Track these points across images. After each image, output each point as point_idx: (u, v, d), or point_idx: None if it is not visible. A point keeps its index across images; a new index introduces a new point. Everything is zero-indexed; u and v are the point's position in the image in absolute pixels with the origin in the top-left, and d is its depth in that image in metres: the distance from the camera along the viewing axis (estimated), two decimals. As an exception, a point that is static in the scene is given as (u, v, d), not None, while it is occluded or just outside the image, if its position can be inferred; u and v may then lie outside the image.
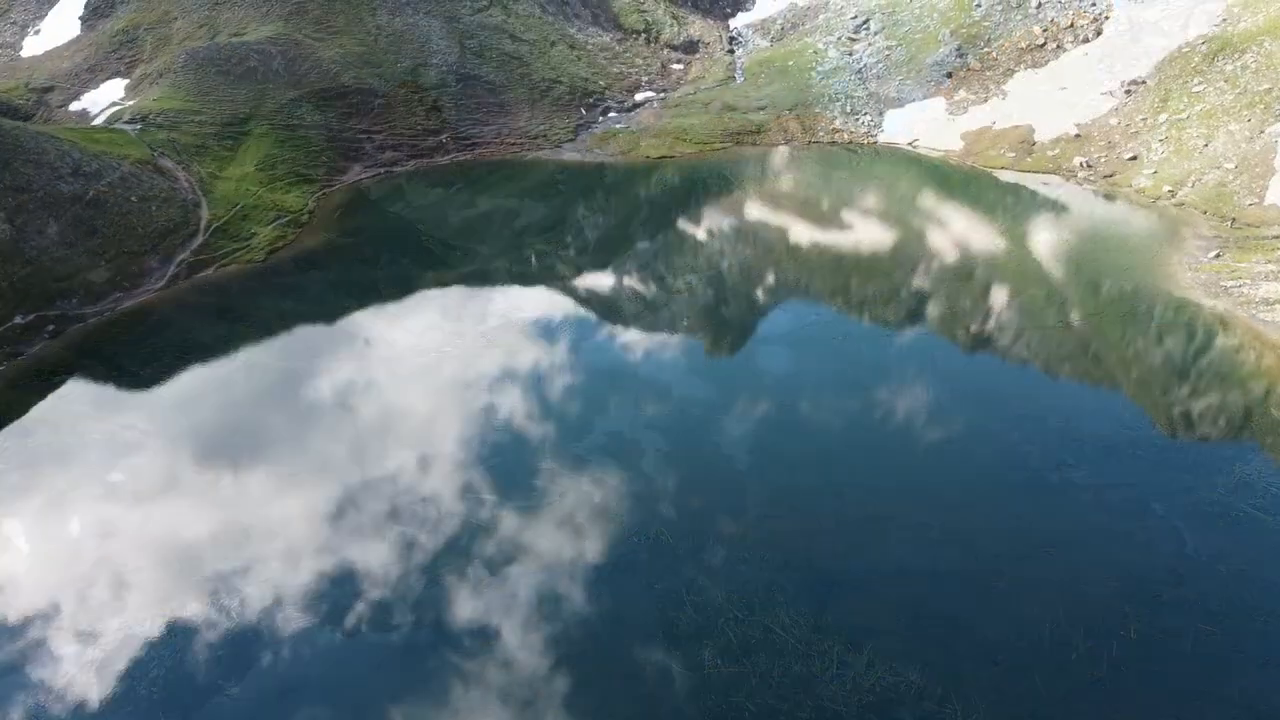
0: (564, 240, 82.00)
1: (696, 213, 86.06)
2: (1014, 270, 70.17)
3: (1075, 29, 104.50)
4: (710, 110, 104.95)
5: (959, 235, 78.49)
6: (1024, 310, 62.99)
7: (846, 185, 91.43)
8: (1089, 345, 57.32)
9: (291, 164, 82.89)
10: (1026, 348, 58.09)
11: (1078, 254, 72.41)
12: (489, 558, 38.34)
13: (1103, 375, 54.58)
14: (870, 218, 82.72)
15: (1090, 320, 60.32)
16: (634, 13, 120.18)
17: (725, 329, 64.05)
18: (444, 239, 78.17)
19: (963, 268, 70.20)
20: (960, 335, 60.55)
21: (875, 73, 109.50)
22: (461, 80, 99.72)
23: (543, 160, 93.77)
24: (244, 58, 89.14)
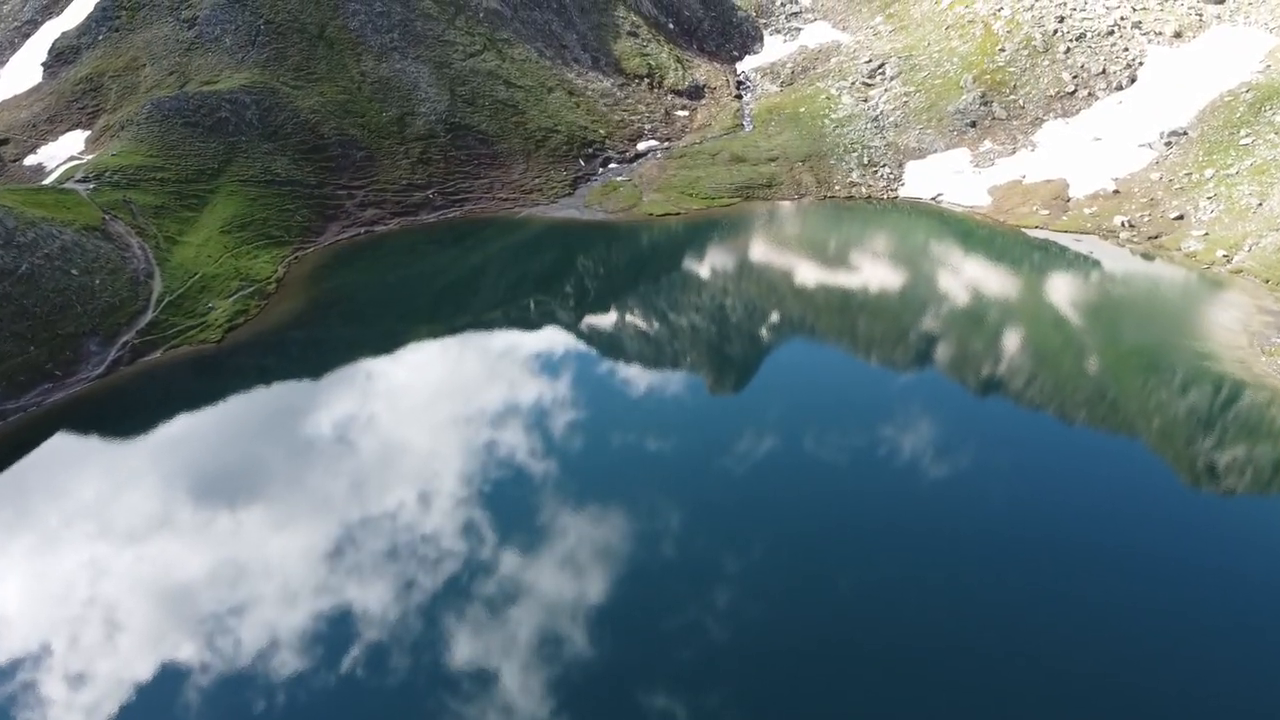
0: (563, 290, 78.29)
1: (701, 275, 78.75)
2: (1076, 371, 60.83)
3: (1107, 76, 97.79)
4: (718, 161, 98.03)
5: (1008, 326, 71.05)
6: (1096, 406, 55.42)
7: (882, 252, 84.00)
8: (1180, 456, 49.99)
9: (262, 225, 75.72)
10: (1112, 462, 50.12)
11: (1145, 343, 64.84)
12: (489, 597, 37.60)
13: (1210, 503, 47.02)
14: (926, 326, 75.06)
15: (1173, 425, 53.03)
16: (636, 56, 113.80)
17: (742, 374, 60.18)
18: (434, 294, 74.43)
19: (1019, 367, 62.23)
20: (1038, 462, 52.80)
21: (893, 121, 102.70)
22: (451, 130, 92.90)
23: (537, 218, 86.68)
24: (214, 108, 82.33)
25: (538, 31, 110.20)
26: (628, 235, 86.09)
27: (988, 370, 60.84)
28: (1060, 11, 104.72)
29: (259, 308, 65.71)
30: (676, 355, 66.68)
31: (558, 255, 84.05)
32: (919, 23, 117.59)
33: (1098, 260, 78.59)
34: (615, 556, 40.05)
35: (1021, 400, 56.57)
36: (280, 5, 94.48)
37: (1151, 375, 58.80)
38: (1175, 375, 58.07)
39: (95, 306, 58.88)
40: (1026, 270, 79.01)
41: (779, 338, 69.31)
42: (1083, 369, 59.67)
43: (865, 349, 66.67)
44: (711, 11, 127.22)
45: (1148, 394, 56.29)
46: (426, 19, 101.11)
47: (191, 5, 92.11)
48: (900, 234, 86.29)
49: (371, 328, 67.99)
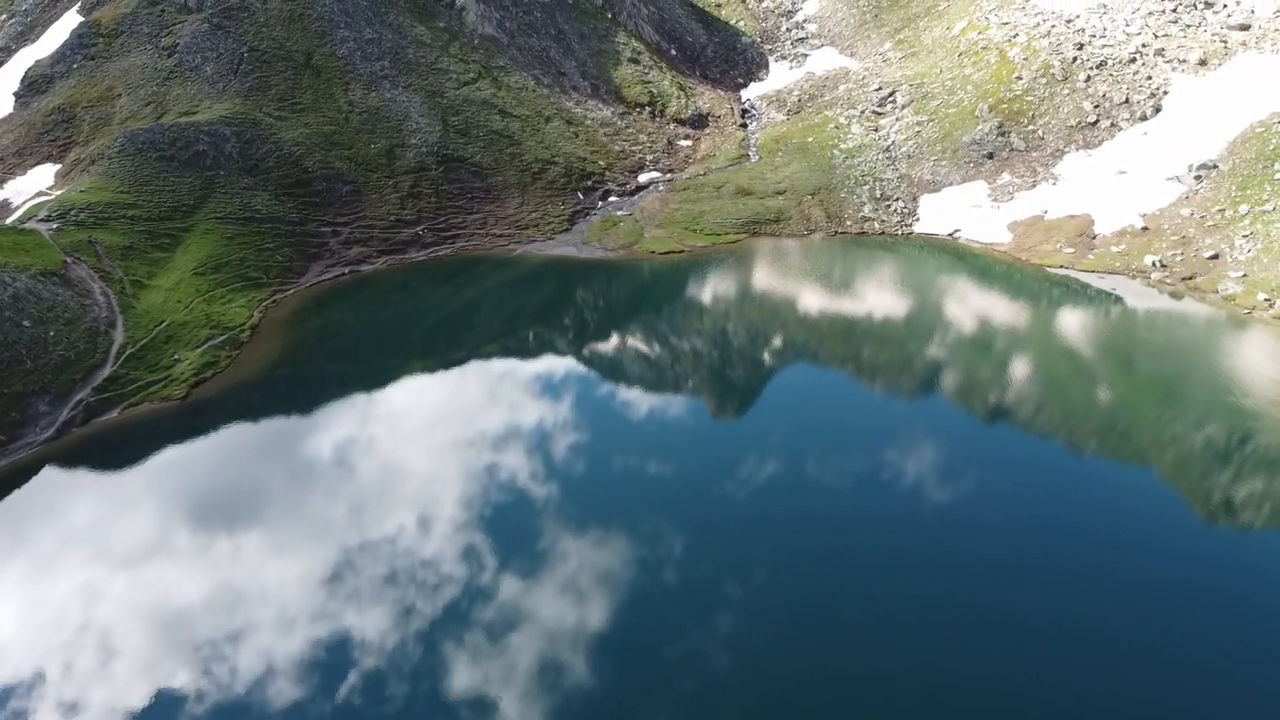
0: (562, 322, 75.55)
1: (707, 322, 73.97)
2: (1087, 401, 58.19)
3: (1131, 105, 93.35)
4: (723, 194, 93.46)
5: (1019, 356, 66.15)
6: (1107, 436, 52.88)
7: (895, 288, 79.19)
8: (1196, 489, 47.56)
9: (238, 266, 71.01)
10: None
11: (1161, 376, 62.18)
12: (489, 623, 37.33)
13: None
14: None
15: (1188, 458, 50.82)
16: (638, 84, 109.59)
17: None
18: (426, 330, 71.34)
19: (1027, 395, 60.09)
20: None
21: (905, 152, 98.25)
22: (443, 162, 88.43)
23: (532, 255, 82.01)
24: (192, 141, 77.87)
25: (535, 58, 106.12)
26: (629, 272, 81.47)
27: (995, 398, 60.01)
28: (1079, 38, 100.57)
29: (230, 359, 60.82)
30: (678, 379, 65.86)
31: (556, 288, 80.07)
32: (930, 49, 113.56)
33: (1120, 296, 74.06)
34: (617, 582, 39.90)
35: (1029, 428, 55.72)
36: (265, 32, 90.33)
37: (1167, 407, 57.34)
38: (1192, 408, 56.46)
39: (48, 361, 54.03)
40: (1044, 304, 75.12)
41: (781, 363, 68.15)
42: (1093, 399, 58.31)
43: (869, 375, 65.39)
44: (715, 37, 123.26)
45: (1162, 426, 54.82)
46: (419, 46, 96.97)
47: (172, 32, 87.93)
48: (915, 272, 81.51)
49: (362, 364, 64.37)
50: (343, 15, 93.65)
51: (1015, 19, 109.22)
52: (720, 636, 36.41)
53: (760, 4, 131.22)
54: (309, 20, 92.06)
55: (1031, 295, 76.75)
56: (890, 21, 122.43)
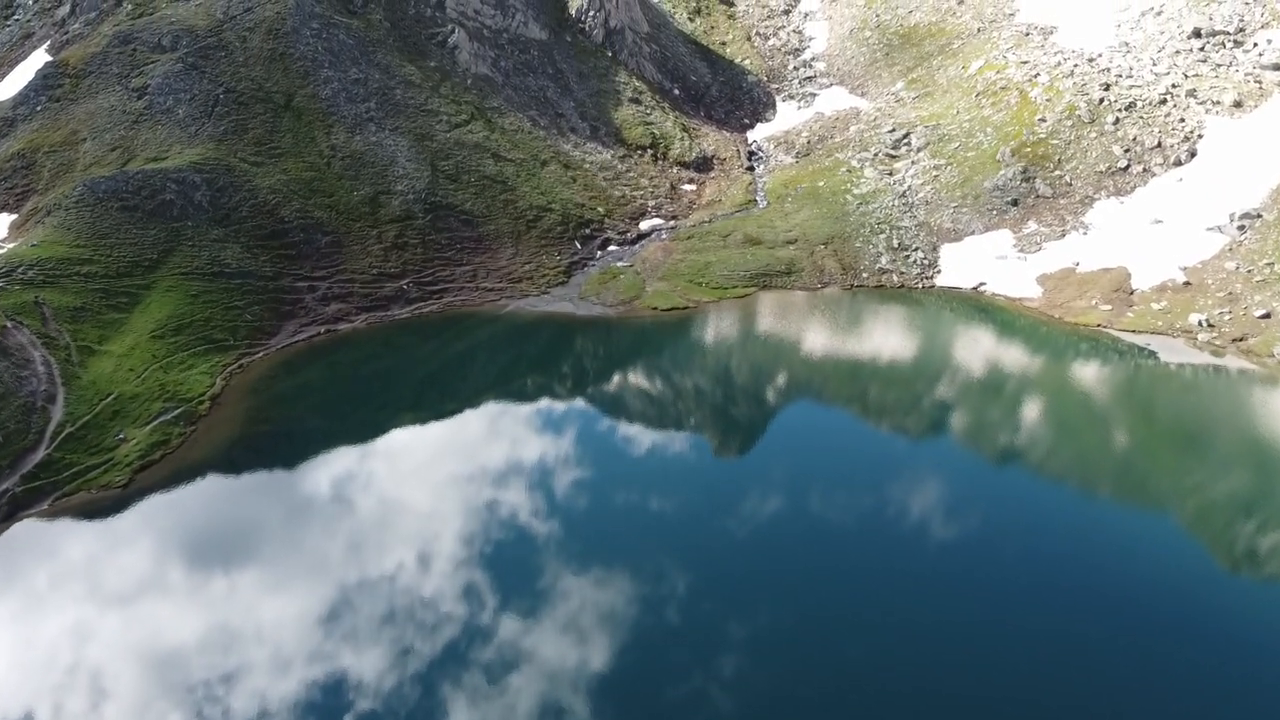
0: (560, 370, 71.94)
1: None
2: (1100, 445, 55.38)
3: (1164, 150, 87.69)
4: (730, 244, 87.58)
5: (1036, 403, 59.86)
6: (1122, 481, 52.15)
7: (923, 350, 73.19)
8: (1218, 538, 46.07)
9: (202, 326, 65.00)
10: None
11: (1183, 424, 60.10)
12: (488, 664, 37.04)
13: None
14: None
15: (1211, 507, 49.14)
16: (639, 125, 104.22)
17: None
18: (416, 383, 67.48)
19: (1040, 438, 59.00)
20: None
21: (923, 198, 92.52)
22: (431, 210, 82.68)
23: (524, 312, 76.00)
24: (158, 189, 72.16)
25: (531, 99, 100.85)
26: (629, 328, 75.51)
27: (1008, 439, 59.39)
28: (1104, 78, 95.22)
29: (183, 436, 54.42)
30: (680, 416, 65.08)
31: (553, 335, 75.08)
32: (945, 89, 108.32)
33: (1154, 351, 68.87)
34: (619, 621, 39.70)
35: (1041, 470, 55.07)
36: (243, 72, 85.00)
37: (1188, 455, 56.33)
38: (1217, 458, 55.09)
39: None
40: (1069, 355, 70.49)
41: (785, 400, 67.50)
42: (1110, 444, 57.75)
43: (876, 415, 64.73)
44: (720, 76, 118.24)
45: (1183, 473, 53.98)
46: (408, 86, 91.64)
47: (143, 73, 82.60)
48: (940, 330, 75.41)
49: (347, 420, 60.82)
50: (327, 55, 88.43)
51: (1034, 58, 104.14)
52: (724, 678, 36.34)
53: (766, 42, 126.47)
54: (291, 60, 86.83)
55: (1056, 347, 71.66)
56: (902, 60, 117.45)
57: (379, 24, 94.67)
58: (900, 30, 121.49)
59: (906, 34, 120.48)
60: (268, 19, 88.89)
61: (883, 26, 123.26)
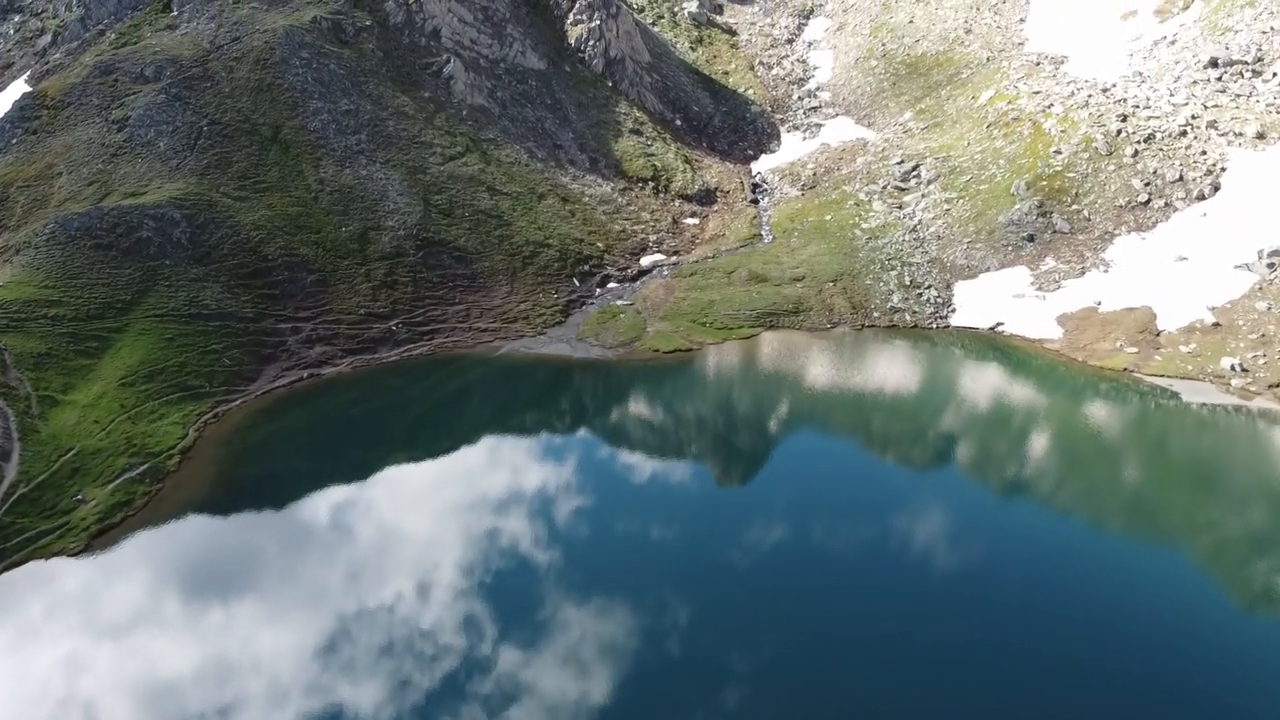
0: (559, 406, 69.49)
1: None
2: (1111, 479, 55.92)
3: (1186, 183, 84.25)
4: (734, 281, 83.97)
5: (1051, 439, 55.85)
6: (1133, 515, 51.51)
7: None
8: (1234, 575, 45.45)
9: (176, 372, 61.21)
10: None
11: (1199, 459, 58.43)
12: (487, 696, 36.65)
13: None
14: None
15: (1226, 544, 48.05)
16: (640, 156, 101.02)
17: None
18: (409, 423, 64.65)
19: (1048, 470, 57.26)
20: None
21: (934, 233, 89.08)
22: (423, 247, 79.18)
23: (519, 355, 72.20)
24: (134, 226, 68.70)
25: (529, 130, 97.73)
26: (630, 370, 71.79)
27: (1015, 472, 58.44)
28: (1121, 109, 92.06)
29: (148, 494, 50.40)
30: (682, 445, 63.99)
31: (551, 372, 71.63)
32: (954, 119, 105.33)
33: (1176, 392, 65.34)
34: (621, 653, 39.37)
35: (1050, 504, 54.16)
36: (229, 104, 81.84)
37: (1203, 491, 54.79)
38: (1233, 495, 53.61)
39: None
40: (1088, 394, 67.14)
41: (788, 430, 66.13)
42: (1120, 478, 56.80)
43: (880, 445, 63.67)
44: (723, 106, 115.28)
45: (1196, 509, 52.64)
46: (401, 118, 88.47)
47: (124, 104, 79.44)
48: (967, 378, 71.63)
49: (338, 460, 58.10)
50: (317, 85, 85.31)
51: (1047, 87, 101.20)
52: (727, 709, 36.12)
53: (770, 71, 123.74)
54: (279, 91, 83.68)
55: (1074, 385, 68.44)
56: (909, 90, 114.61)
57: (371, 53, 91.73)
58: (907, 60, 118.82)
59: (913, 63, 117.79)
60: (256, 48, 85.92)
61: (889, 56, 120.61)
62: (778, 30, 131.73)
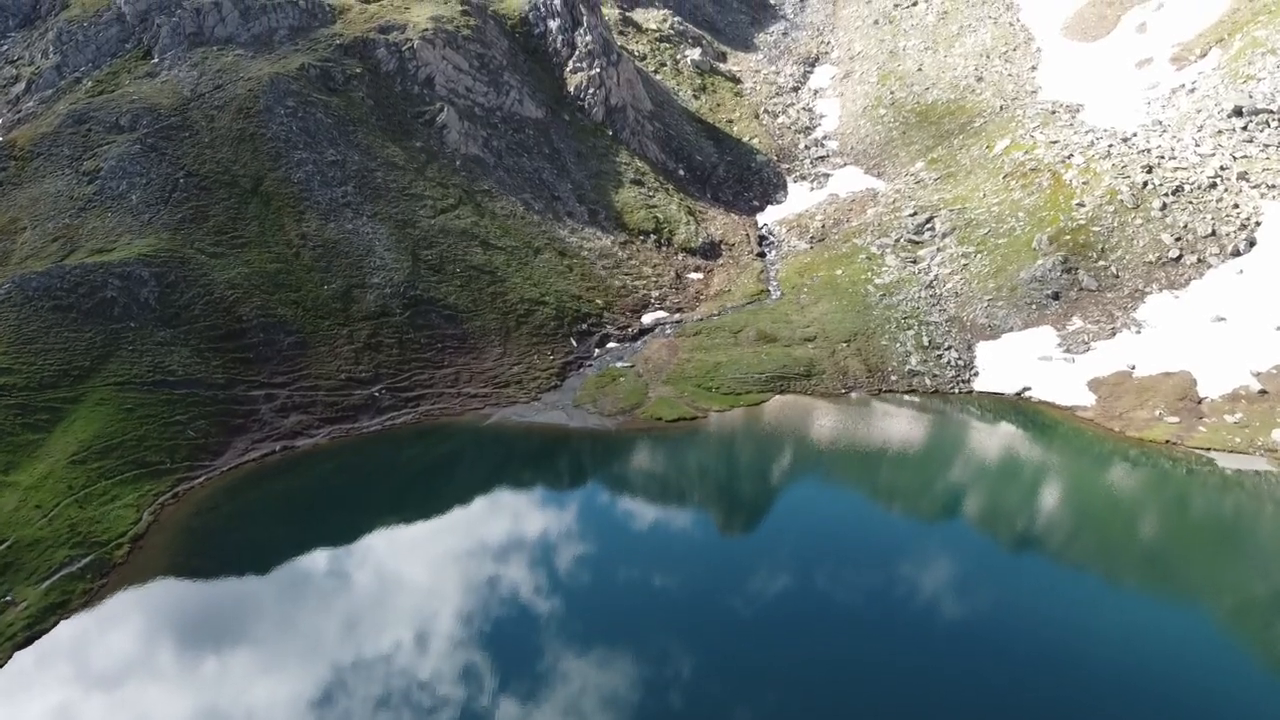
0: (556, 466, 65.77)
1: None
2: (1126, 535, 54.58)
3: (1219, 239, 79.60)
4: (742, 341, 78.95)
5: (1075, 508, 50.75)
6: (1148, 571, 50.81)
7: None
8: (1258, 638, 44.14)
9: (134, 447, 55.96)
10: None
11: (1220, 518, 55.79)
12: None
13: None
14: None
15: (1249, 605, 47.00)
16: (641, 208, 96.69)
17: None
18: (397, 487, 60.95)
19: (1065, 526, 55.99)
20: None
21: (952, 289, 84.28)
22: (411, 306, 74.34)
23: (510, 424, 66.99)
24: (98, 285, 63.95)
25: (526, 181, 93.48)
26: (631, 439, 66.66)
27: (1022, 525, 57.22)
28: (1145, 159, 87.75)
29: (88, 592, 44.78)
30: (684, 493, 62.48)
31: (545, 444, 66.99)
32: (969, 169, 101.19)
33: (1211, 458, 60.85)
34: (622, 704, 39.19)
35: (1060, 560, 53.19)
36: (208, 154, 77.60)
37: (1224, 548, 53.24)
38: (1260, 554, 52.14)
39: None
40: (1118, 461, 63.06)
41: (792, 479, 64.83)
42: (1136, 534, 55.73)
43: (887, 497, 62.33)
44: (727, 155, 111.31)
45: (1219, 568, 51.11)
46: (390, 168, 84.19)
47: (96, 155, 75.14)
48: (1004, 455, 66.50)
49: (323, 525, 55.37)
50: (302, 135, 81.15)
51: (1064, 137, 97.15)
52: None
53: (775, 120, 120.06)
54: (261, 141, 79.48)
55: (1115, 461, 63.48)
56: (920, 139, 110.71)
57: (361, 102, 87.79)
58: (917, 108, 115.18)
59: (924, 112, 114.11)
60: (239, 97, 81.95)
61: (898, 104, 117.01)
62: (782, 78, 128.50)
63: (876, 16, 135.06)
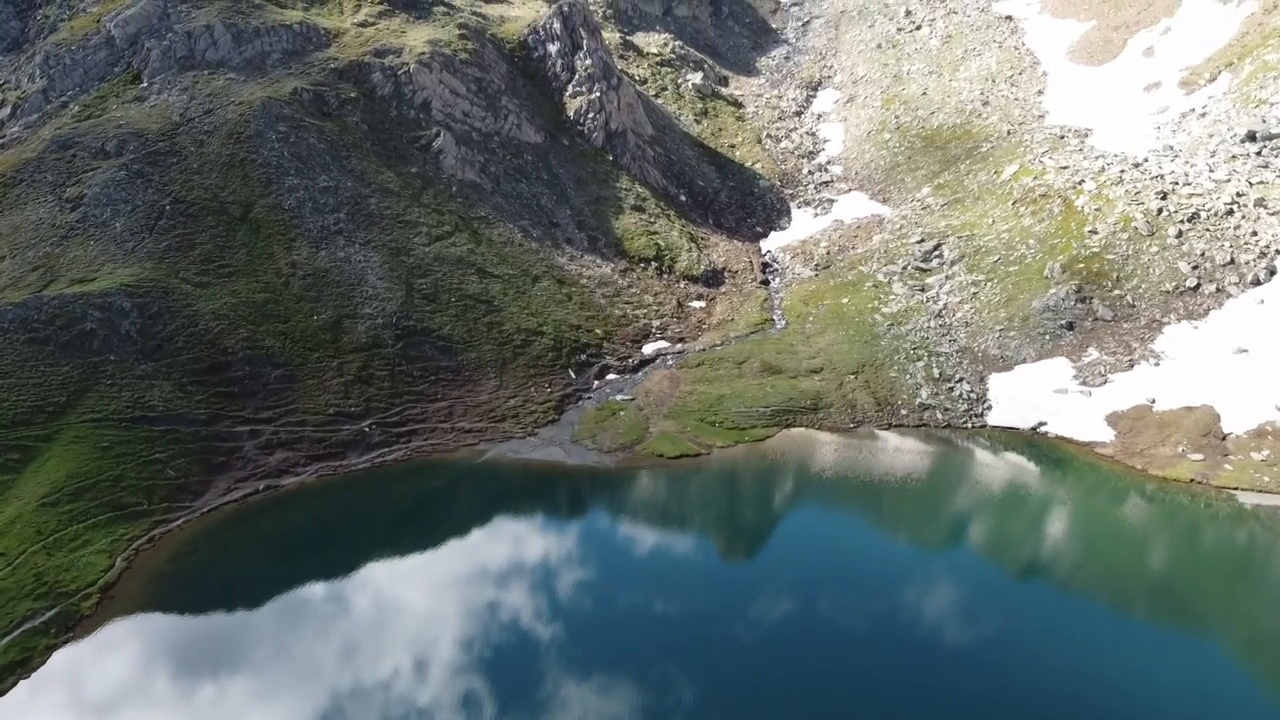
0: (555, 499, 64.01)
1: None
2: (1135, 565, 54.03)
3: (1238, 267, 77.17)
4: (745, 373, 76.34)
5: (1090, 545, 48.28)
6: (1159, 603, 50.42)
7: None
8: (1273, 669, 44.27)
9: (110, 488, 53.29)
10: None
11: (1235, 550, 54.93)
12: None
13: None
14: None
15: (1264, 638, 46.68)
16: (642, 235, 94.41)
17: None
18: (391, 522, 59.82)
19: (1071, 555, 54.81)
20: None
21: (962, 318, 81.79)
22: (403, 336, 71.82)
23: (505, 460, 64.34)
24: (77, 317, 61.45)
25: (524, 207, 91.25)
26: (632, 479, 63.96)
27: (1028, 552, 56.86)
28: (1159, 185, 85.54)
29: (50, 648, 41.84)
30: (685, 518, 61.63)
31: (535, 488, 64.84)
32: (977, 195, 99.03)
33: (1234, 494, 58.65)
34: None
35: (1068, 589, 52.66)
36: (196, 180, 75.38)
37: (1240, 580, 52.89)
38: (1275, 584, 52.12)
39: None
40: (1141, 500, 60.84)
41: (796, 509, 64.55)
42: (1145, 565, 55.12)
43: (891, 524, 61.63)
44: (730, 181, 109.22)
45: (1233, 599, 50.79)
46: (384, 194, 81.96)
47: (80, 181, 72.92)
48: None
49: (314, 561, 54.29)
50: (293, 160, 79.00)
51: (1074, 162, 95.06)
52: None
53: (778, 144, 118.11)
54: (252, 166, 77.31)
55: (1123, 494, 61.40)
56: (926, 164, 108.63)
57: (355, 127, 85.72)
58: (922, 133, 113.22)
59: (929, 136, 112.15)
60: (229, 122, 79.86)
61: (903, 129, 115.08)
62: (785, 102, 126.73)
63: (879, 41, 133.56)
